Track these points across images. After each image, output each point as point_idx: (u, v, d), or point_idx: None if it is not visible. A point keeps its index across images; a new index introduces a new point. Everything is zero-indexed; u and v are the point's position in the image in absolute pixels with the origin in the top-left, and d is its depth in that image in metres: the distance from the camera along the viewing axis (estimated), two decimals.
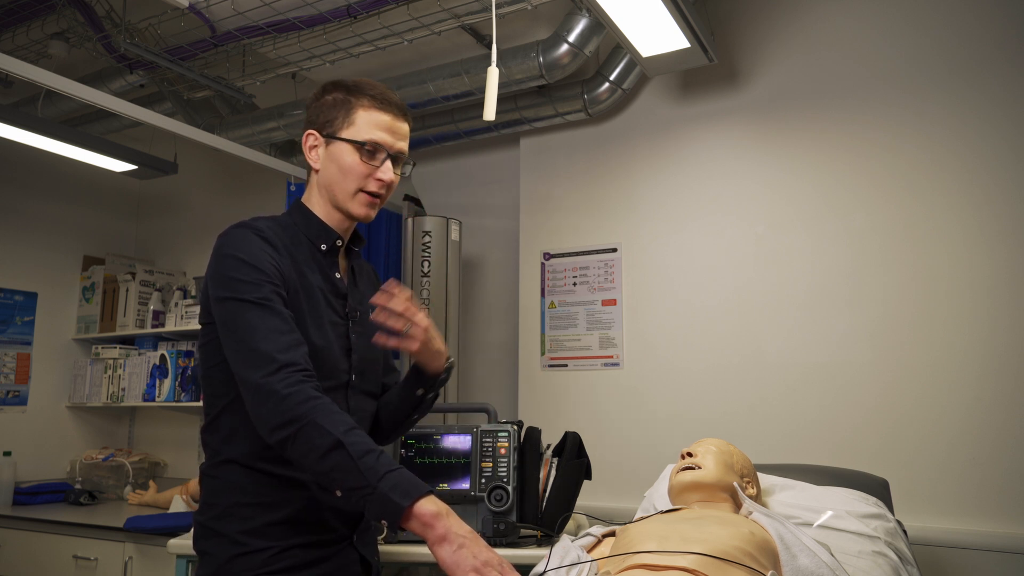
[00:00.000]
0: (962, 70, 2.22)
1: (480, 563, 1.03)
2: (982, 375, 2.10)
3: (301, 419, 1.11)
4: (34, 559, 2.86)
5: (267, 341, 1.16)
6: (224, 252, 1.25)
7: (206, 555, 1.27)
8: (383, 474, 1.07)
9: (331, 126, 1.33)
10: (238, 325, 1.19)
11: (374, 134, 1.32)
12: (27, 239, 3.50)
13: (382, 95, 1.34)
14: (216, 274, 1.24)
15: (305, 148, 1.36)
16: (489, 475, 2.00)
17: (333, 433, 1.09)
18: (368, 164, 1.32)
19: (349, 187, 1.33)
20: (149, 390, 3.33)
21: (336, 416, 1.12)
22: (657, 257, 2.64)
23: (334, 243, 1.37)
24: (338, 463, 1.08)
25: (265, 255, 1.25)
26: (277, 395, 1.12)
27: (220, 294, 1.22)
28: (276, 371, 1.14)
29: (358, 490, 1.08)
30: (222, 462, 1.28)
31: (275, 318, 1.19)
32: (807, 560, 1.30)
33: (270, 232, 1.29)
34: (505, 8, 2.26)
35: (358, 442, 1.10)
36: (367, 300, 1.44)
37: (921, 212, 2.23)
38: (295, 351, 1.18)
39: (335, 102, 1.34)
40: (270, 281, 1.23)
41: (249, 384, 1.15)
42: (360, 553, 1.37)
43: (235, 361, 1.19)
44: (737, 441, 1.76)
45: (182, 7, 2.27)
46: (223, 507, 1.26)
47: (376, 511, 1.07)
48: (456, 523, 1.07)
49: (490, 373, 3.09)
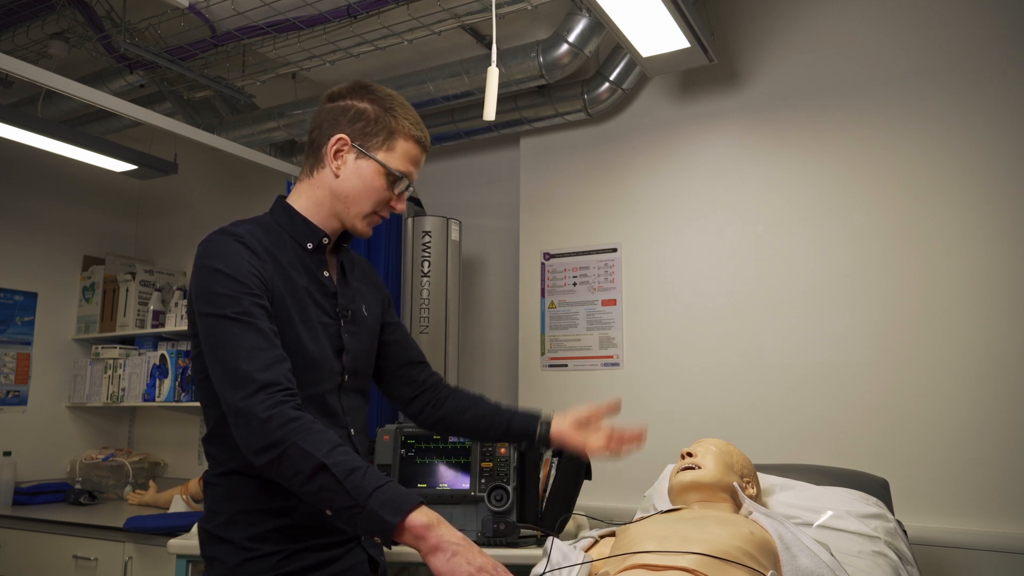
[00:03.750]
0: (962, 70, 2.22)
1: (475, 569, 1.03)
2: (982, 375, 2.10)
3: (283, 442, 1.09)
4: (34, 559, 2.86)
5: (247, 360, 1.14)
6: (204, 263, 1.23)
7: (215, 560, 1.27)
8: (371, 492, 1.06)
9: (368, 141, 1.31)
10: (218, 343, 1.17)
11: (407, 167, 1.33)
12: (27, 239, 3.50)
13: (421, 130, 1.35)
14: (197, 287, 1.23)
15: (328, 150, 1.32)
16: (489, 475, 2.00)
17: (315, 456, 1.08)
18: (390, 191, 1.33)
19: (365, 207, 1.32)
20: (149, 390, 3.33)
21: (318, 436, 1.10)
22: (657, 257, 2.64)
23: (320, 241, 1.35)
24: (324, 484, 1.08)
25: (245, 264, 1.22)
26: (257, 418, 1.10)
27: (201, 309, 1.21)
28: (255, 392, 1.12)
29: (347, 510, 1.07)
30: (226, 472, 1.28)
31: (255, 335, 1.17)
32: (807, 560, 1.30)
33: (251, 238, 1.27)
34: (505, 8, 2.26)
35: (342, 461, 1.08)
36: (359, 296, 1.42)
37: (921, 212, 2.23)
38: (275, 369, 1.15)
39: (377, 119, 1.31)
40: (251, 292, 1.20)
41: (229, 406, 1.14)
42: (368, 553, 1.37)
43: (216, 381, 1.17)
44: (737, 441, 1.76)
45: (182, 7, 2.27)
46: (229, 515, 1.26)
47: (367, 528, 1.07)
48: (448, 531, 1.07)
49: (490, 373, 3.09)
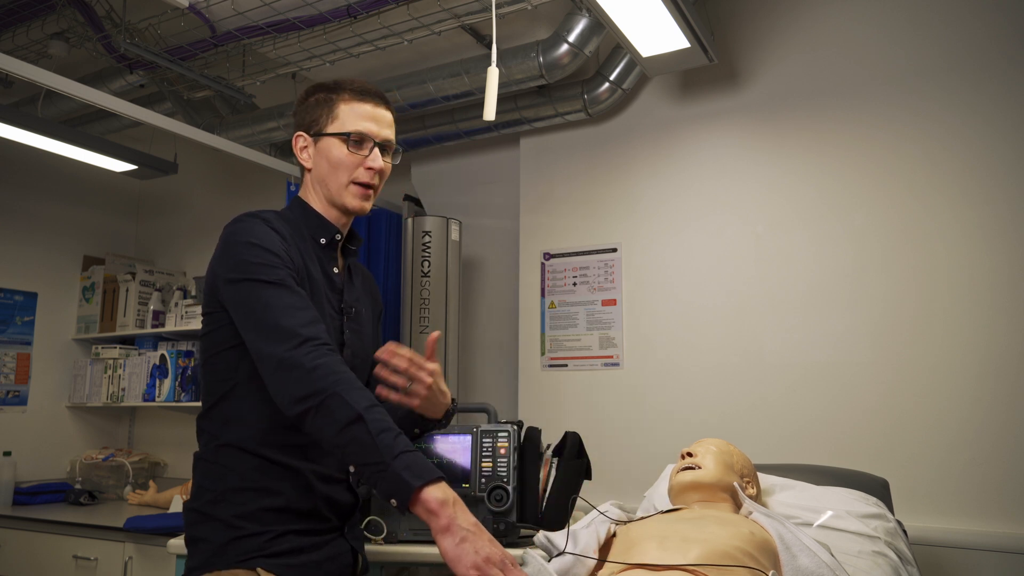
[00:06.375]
0: (962, 70, 2.22)
1: (482, 559, 1.02)
2: (982, 375, 2.10)
3: (325, 391, 1.12)
4: (34, 559, 2.86)
5: (288, 317, 1.18)
6: (235, 239, 1.27)
7: (200, 542, 1.27)
8: (398, 453, 1.08)
9: (317, 124, 1.37)
10: (256, 304, 1.21)
11: (358, 124, 1.35)
12: (27, 239, 3.50)
13: (361, 87, 1.38)
14: (228, 258, 1.26)
15: (296, 151, 1.40)
16: (489, 475, 2.00)
17: (355, 407, 1.10)
18: (356, 154, 1.35)
19: (341, 179, 1.36)
20: (149, 390, 3.32)
21: (360, 392, 1.14)
22: (657, 257, 2.64)
23: (333, 237, 1.40)
24: (356, 437, 1.10)
25: (277, 240, 1.27)
26: (302, 368, 1.13)
27: (234, 276, 1.24)
28: (300, 344, 1.15)
29: (372, 466, 1.09)
30: (220, 446, 1.30)
31: (292, 296, 1.22)
32: (807, 560, 1.30)
33: (277, 223, 1.32)
34: (505, 8, 2.26)
35: (378, 419, 1.11)
36: (362, 299, 1.47)
37: (921, 212, 2.23)
38: (316, 326, 1.20)
39: (318, 102, 1.38)
40: (284, 265, 1.25)
41: (272, 358, 1.16)
42: (351, 545, 1.39)
43: (255, 339, 1.20)
44: (737, 441, 1.76)
45: (182, 7, 2.27)
46: (218, 492, 1.28)
47: (386, 488, 1.08)
48: (462, 513, 1.07)
49: (490, 373, 3.09)
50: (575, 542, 1.40)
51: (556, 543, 1.43)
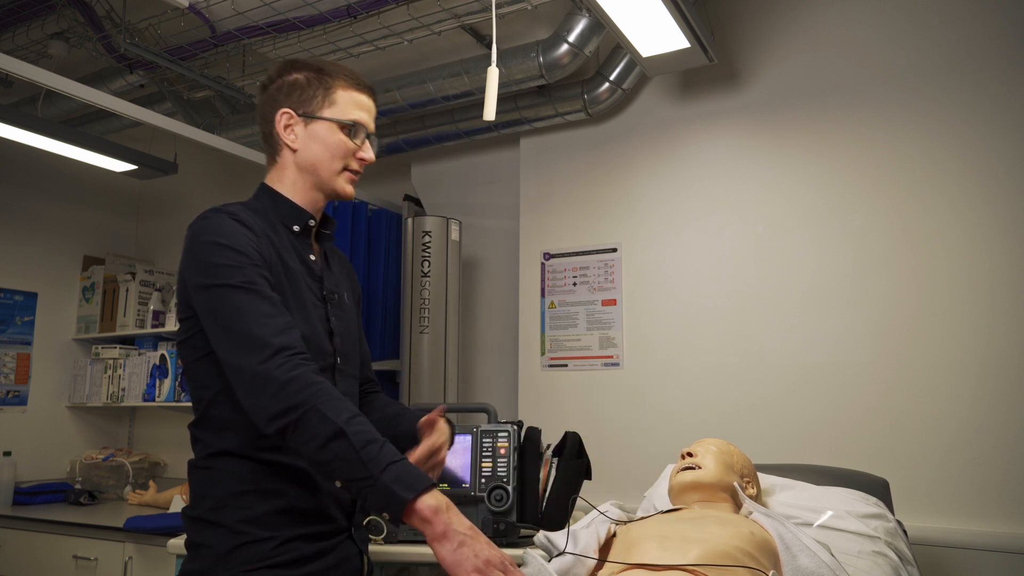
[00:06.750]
0: (962, 70, 2.22)
1: (482, 562, 1.01)
2: (982, 375, 2.10)
3: (302, 405, 1.07)
4: (34, 559, 2.86)
5: (259, 325, 1.12)
6: (200, 239, 1.20)
7: (202, 547, 1.22)
8: (385, 465, 1.05)
9: (309, 105, 1.32)
10: (225, 312, 1.14)
11: (357, 114, 1.34)
12: (27, 239, 3.50)
13: (356, 76, 1.36)
14: (194, 262, 1.20)
15: (278, 127, 1.32)
16: (489, 475, 2.00)
17: (335, 421, 1.06)
18: (351, 142, 1.33)
19: (335, 166, 1.33)
20: (149, 390, 3.32)
21: (338, 403, 1.09)
22: (657, 257, 2.64)
23: (307, 223, 1.35)
24: (339, 452, 1.05)
25: (244, 237, 1.20)
26: (276, 382, 1.08)
27: (201, 282, 1.18)
28: (272, 356, 1.09)
29: (360, 481, 1.05)
30: (215, 453, 1.25)
31: (263, 302, 1.15)
32: (807, 560, 1.30)
33: (245, 215, 1.26)
34: (505, 8, 2.26)
35: (360, 431, 1.07)
36: (342, 284, 1.43)
37: (921, 212, 2.23)
38: (289, 334, 1.14)
39: (309, 81, 1.33)
40: (253, 263, 1.18)
41: (244, 372, 1.10)
42: (358, 547, 1.35)
43: (226, 350, 1.14)
44: (737, 441, 1.76)
45: (182, 7, 2.27)
46: (219, 497, 1.22)
47: (377, 502, 1.05)
48: (457, 519, 1.05)
49: (490, 373, 3.09)
50: (575, 542, 1.39)
51: (556, 543, 1.42)
